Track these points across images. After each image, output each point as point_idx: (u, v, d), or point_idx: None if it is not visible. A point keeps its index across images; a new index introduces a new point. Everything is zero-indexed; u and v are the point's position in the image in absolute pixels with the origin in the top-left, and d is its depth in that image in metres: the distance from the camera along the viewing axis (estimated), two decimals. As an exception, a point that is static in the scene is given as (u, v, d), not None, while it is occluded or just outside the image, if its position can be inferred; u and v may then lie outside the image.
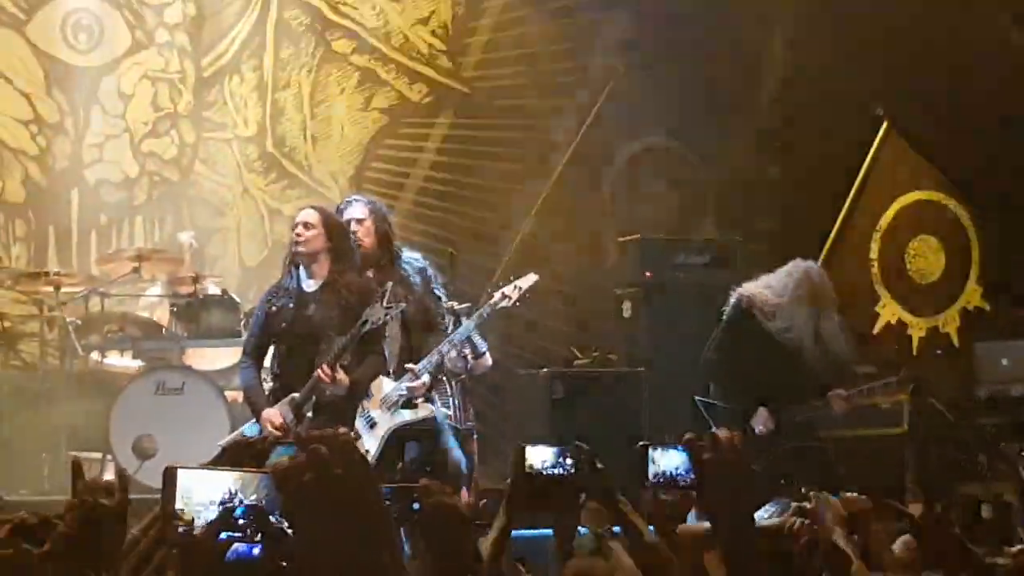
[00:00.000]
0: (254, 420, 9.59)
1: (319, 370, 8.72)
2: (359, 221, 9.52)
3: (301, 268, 9.05)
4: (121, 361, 12.51)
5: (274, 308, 9.12)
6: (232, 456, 4.69)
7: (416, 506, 4.56)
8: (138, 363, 12.37)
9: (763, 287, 10.02)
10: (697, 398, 10.06)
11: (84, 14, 13.71)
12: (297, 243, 8.93)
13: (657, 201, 13.66)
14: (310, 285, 9.06)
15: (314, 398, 8.86)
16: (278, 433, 8.71)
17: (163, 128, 13.96)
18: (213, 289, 12.61)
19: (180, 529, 3.74)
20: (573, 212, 13.79)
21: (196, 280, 12.52)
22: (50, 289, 12.40)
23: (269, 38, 14.12)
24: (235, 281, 13.64)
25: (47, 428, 11.69)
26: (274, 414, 8.89)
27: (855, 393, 10.08)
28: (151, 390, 11.82)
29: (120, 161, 13.84)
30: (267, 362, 9.34)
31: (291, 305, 9.03)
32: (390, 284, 9.55)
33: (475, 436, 10.27)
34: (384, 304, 8.89)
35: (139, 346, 12.34)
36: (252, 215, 14.14)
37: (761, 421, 9.79)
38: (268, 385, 9.25)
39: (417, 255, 9.87)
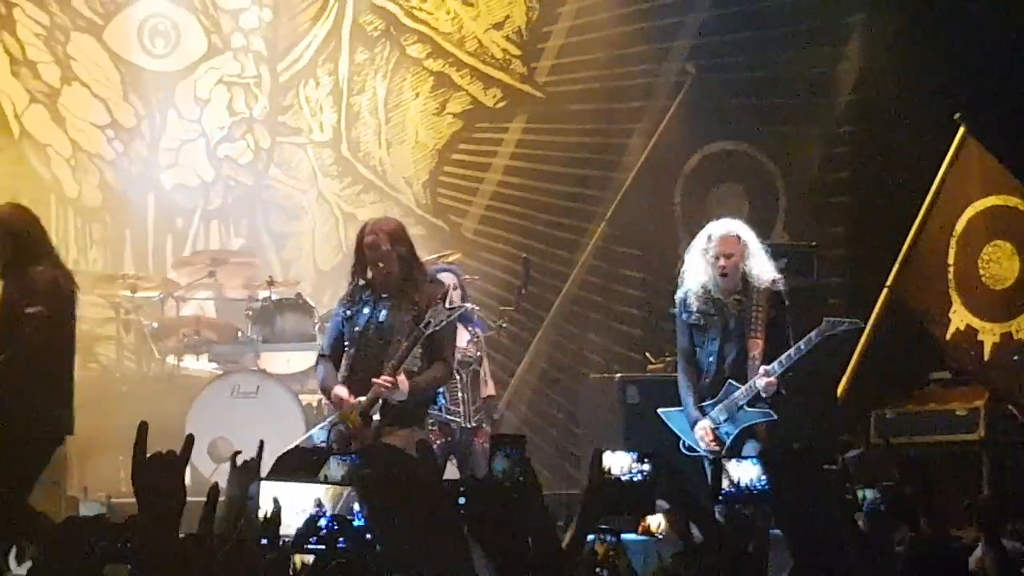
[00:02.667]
0: (321, 426, 9.69)
1: (378, 380, 8.81)
2: None
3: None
4: (196, 364, 12.61)
5: (348, 313, 9.22)
6: (288, 465, 4.74)
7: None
8: (213, 367, 12.45)
9: None
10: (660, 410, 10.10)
11: (161, 19, 13.78)
12: (381, 266, 9.07)
13: (729, 206, 13.60)
14: (383, 293, 9.15)
15: (381, 401, 8.94)
16: (351, 404, 8.83)
17: (238, 132, 14.01)
18: (287, 294, 12.69)
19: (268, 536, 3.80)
20: (646, 217, 13.77)
21: (271, 284, 12.60)
22: (127, 292, 12.50)
23: (344, 43, 14.15)
24: (310, 285, 13.67)
25: (124, 431, 11.71)
26: (347, 392, 8.99)
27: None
28: (226, 393, 11.90)
29: (195, 165, 13.91)
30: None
31: (365, 310, 9.13)
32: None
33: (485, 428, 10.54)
34: (447, 306, 9.00)
35: (214, 350, 12.42)
36: (327, 220, 14.17)
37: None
38: None
39: None
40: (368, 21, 14.19)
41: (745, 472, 5.26)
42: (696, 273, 9.92)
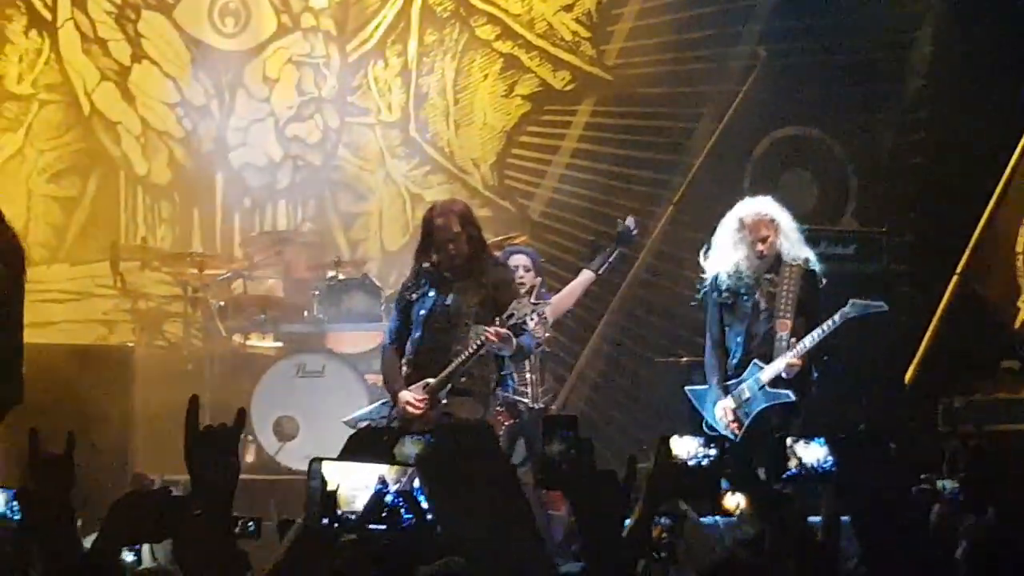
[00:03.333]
0: (382, 402, 9.72)
1: (490, 330, 8.84)
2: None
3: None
4: (263, 343, 12.66)
5: (413, 297, 9.23)
6: (360, 444, 4.74)
7: None
8: (279, 345, 12.50)
9: None
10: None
11: (231, -1, 13.86)
12: (450, 248, 9.10)
13: (798, 190, 13.57)
14: (450, 275, 9.16)
15: (450, 385, 8.97)
16: (418, 413, 8.86)
17: (307, 112, 14.05)
18: (354, 274, 12.73)
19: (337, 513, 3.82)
20: (714, 202, 13.72)
21: (338, 264, 12.64)
22: (194, 270, 12.56)
23: (414, 24, 14.16)
24: (376, 266, 13.72)
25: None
26: (413, 397, 9.01)
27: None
28: (292, 372, 11.96)
29: (264, 145, 13.95)
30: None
31: (431, 293, 9.14)
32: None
33: None
34: (532, 300, 9.08)
35: (281, 329, 12.48)
36: (394, 200, 14.19)
37: None
38: (404, 371, 9.33)
39: None
40: (438, 2, 14.19)
41: (811, 453, 5.24)
42: (727, 254, 9.91)
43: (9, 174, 13.27)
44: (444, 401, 9.07)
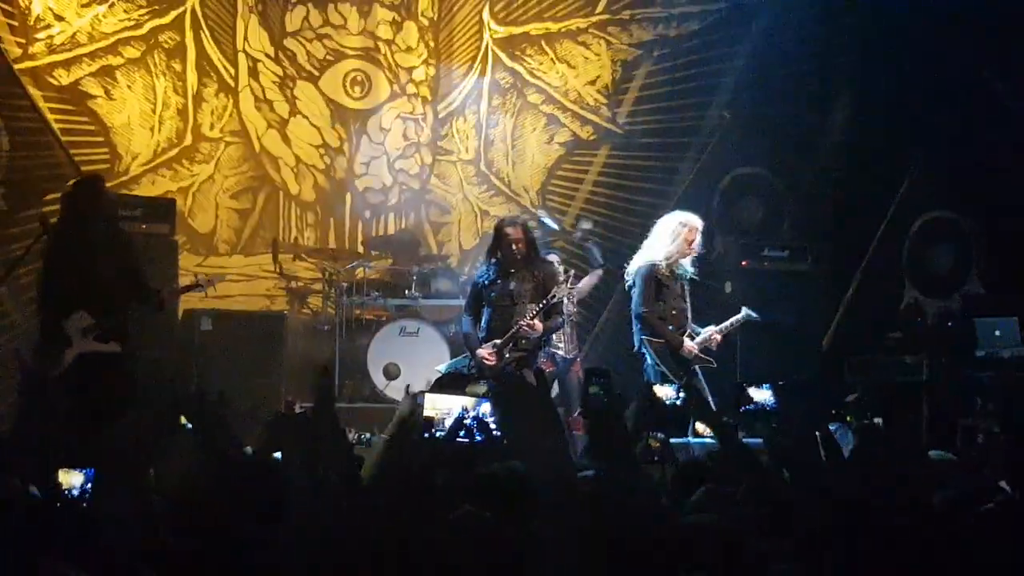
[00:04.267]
0: (464, 355, 9.78)
1: (523, 323, 8.93)
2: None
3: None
4: (376, 312, 12.68)
5: (485, 282, 9.28)
6: (449, 382, 4.79)
7: None
8: (387, 313, 12.54)
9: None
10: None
11: (358, 72, 13.84)
12: (514, 248, 9.13)
13: (751, 212, 13.54)
14: (512, 268, 9.22)
15: (511, 344, 9.04)
16: (490, 363, 8.92)
17: (410, 152, 14.05)
18: (441, 265, 12.77)
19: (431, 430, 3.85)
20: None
21: (428, 258, 12.70)
22: (330, 261, 12.61)
23: (484, 92, 14.16)
24: (455, 259, 13.75)
25: (327, 356, 11.87)
26: (486, 353, 9.05)
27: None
28: (396, 333, 12.05)
29: (380, 175, 13.96)
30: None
31: (498, 281, 9.20)
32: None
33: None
34: (568, 286, 9.26)
35: (388, 302, 12.51)
36: (469, 214, 14.20)
37: None
38: (479, 335, 9.38)
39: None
40: (501, 77, 14.19)
41: (761, 395, 5.26)
42: (666, 246, 9.76)
43: (204, 193, 13.34)
44: (507, 356, 9.12)
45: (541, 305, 9.08)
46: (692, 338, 9.75)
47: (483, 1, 14.12)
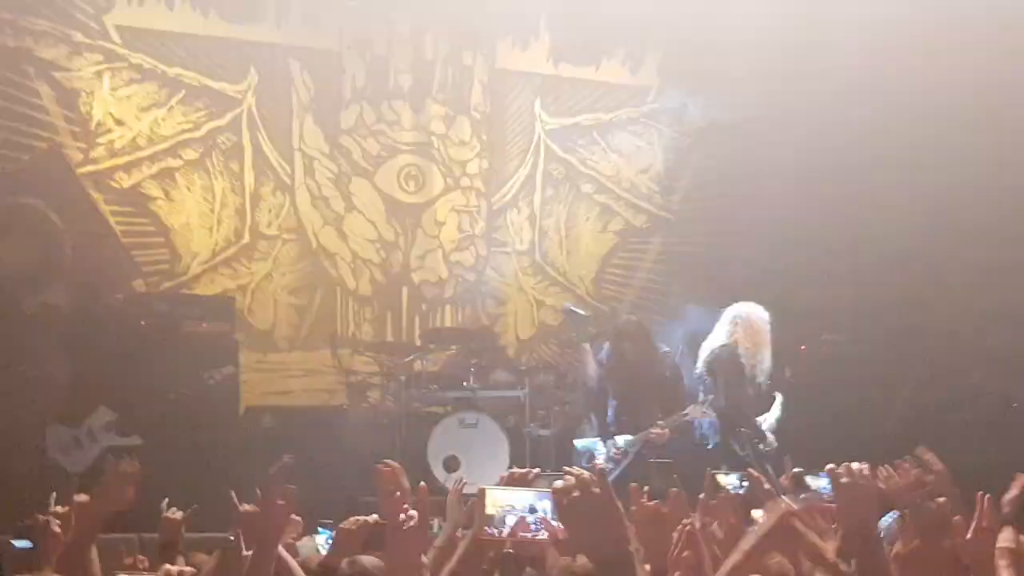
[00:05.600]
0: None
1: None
2: None
3: None
4: (435, 405, 12.66)
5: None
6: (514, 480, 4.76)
7: None
8: (447, 407, 12.50)
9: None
10: None
11: (412, 168, 13.95)
12: None
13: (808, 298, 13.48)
14: None
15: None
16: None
17: (465, 244, 14.12)
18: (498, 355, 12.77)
19: (490, 530, 3.82)
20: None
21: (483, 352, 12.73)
22: (388, 355, 12.63)
23: (538, 183, 14.26)
24: (513, 350, 13.74)
25: (386, 450, 11.83)
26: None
27: None
28: (456, 424, 11.97)
29: (436, 267, 14.01)
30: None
31: None
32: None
33: None
34: (703, 409, 9.35)
35: (447, 394, 12.48)
36: (525, 305, 14.22)
37: None
38: None
39: None
40: (554, 168, 14.29)
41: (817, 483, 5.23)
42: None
43: (262, 290, 13.40)
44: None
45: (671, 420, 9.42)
46: None
47: (535, 94, 14.28)
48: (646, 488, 4.56)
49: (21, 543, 4.94)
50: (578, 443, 10.64)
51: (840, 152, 12.95)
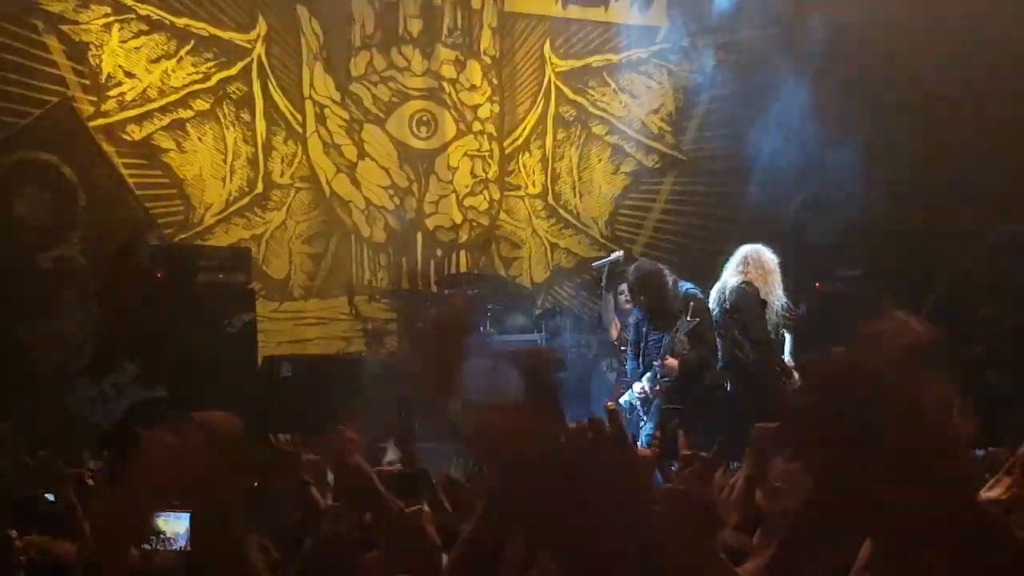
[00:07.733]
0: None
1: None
2: None
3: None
4: (452, 349, 12.67)
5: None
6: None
7: None
8: (464, 351, 12.51)
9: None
10: None
11: (424, 113, 13.95)
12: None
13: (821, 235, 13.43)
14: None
15: None
16: None
17: (478, 189, 14.13)
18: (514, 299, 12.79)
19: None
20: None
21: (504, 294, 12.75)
22: (403, 301, 12.66)
23: (549, 126, 14.24)
24: (528, 293, 13.76)
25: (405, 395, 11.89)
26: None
27: None
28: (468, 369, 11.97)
29: (449, 213, 14.04)
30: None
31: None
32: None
33: None
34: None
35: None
36: (538, 248, 14.25)
37: None
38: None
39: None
40: (565, 110, 14.26)
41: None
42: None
43: (276, 239, 13.44)
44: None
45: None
46: None
47: (544, 36, 14.22)
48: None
49: (53, 497, 5.00)
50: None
51: (850, 87, 12.90)
